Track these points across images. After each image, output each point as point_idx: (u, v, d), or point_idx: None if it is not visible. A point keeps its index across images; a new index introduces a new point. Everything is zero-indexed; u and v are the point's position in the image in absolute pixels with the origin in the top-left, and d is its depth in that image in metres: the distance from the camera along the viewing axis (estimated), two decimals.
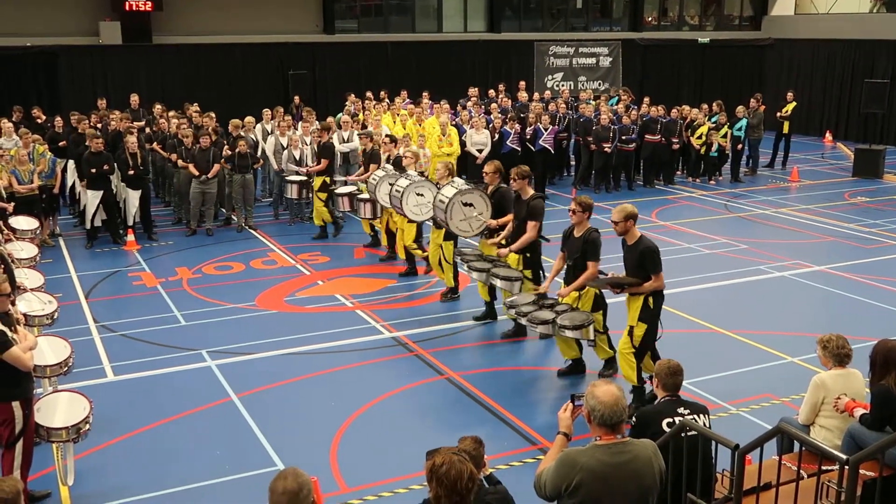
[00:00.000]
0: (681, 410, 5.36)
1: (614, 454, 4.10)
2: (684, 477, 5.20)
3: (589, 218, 8.62)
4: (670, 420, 5.30)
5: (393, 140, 14.04)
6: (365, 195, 13.20)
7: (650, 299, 7.89)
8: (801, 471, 5.12)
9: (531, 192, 9.78)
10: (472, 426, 7.46)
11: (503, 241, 10.00)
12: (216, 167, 14.88)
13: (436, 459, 4.05)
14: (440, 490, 3.97)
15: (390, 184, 11.86)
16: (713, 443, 5.23)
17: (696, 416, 5.33)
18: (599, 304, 8.68)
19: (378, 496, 6.80)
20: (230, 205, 15.63)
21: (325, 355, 9.69)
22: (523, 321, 8.80)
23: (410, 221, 11.86)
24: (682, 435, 5.17)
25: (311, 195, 15.14)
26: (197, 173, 14.71)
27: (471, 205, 10.27)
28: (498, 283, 9.59)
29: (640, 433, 5.30)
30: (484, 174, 10.64)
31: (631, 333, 7.96)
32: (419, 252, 12.32)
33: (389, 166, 12.90)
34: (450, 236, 10.90)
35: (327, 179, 14.77)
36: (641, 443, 4.28)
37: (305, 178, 14.94)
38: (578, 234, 8.61)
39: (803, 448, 5.39)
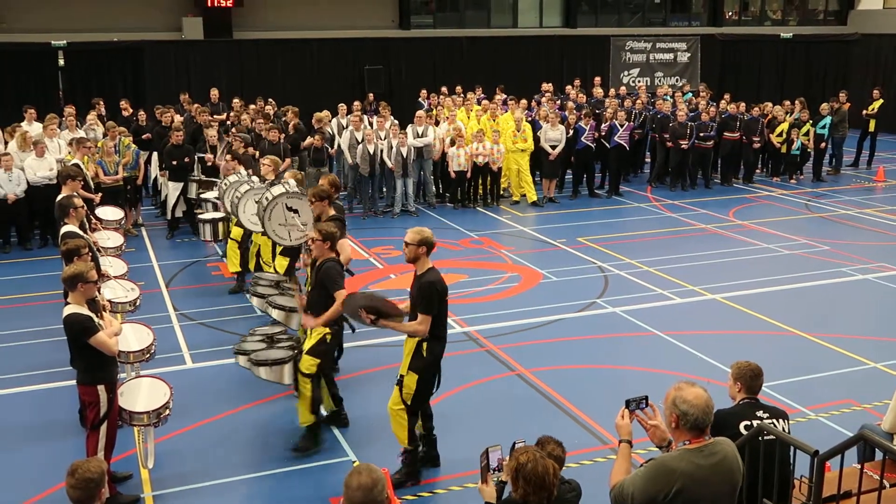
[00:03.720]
0: (759, 414, 5.25)
1: (708, 456, 4.03)
2: (760, 482, 5.09)
3: (331, 248, 7.36)
4: (748, 423, 5.20)
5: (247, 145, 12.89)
6: (205, 215, 12.09)
7: (424, 345, 6.70)
8: (884, 480, 4.97)
9: (331, 212, 8.51)
10: (543, 423, 7.44)
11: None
12: (287, 161, 15.08)
13: (519, 458, 4.06)
14: (528, 487, 3.98)
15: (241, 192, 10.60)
16: (791, 448, 5.11)
17: (774, 421, 5.22)
18: (319, 351, 7.29)
19: (448, 489, 6.84)
20: None
21: (397, 348, 9.72)
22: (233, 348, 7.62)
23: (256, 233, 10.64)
24: (760, 439, 5.07)
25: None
26: None
27: (296, 211, 9.22)
28: (274, 313, 8.22)
29: (716, 435, 5.21)
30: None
31: (400, 384, 6.78)
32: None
33: (243, 171, 11.80)
34: (288, 253, 9.69)
35: None
36: (725, 440, 4.21)
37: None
38: (319, 263, 7.41)
39: (886, 456, 5.23)
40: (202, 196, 13.06)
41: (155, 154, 15.69)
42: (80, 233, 8.43)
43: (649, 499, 4.00)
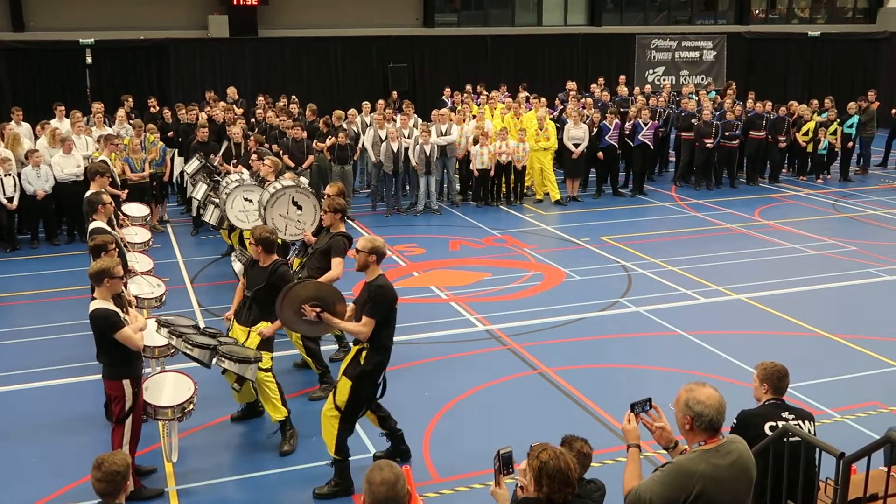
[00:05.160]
0: (785, 415, 5.21)
1: (724, 455, 4.00)
2: (785, 483, 5.05)
3: (266, 251, 7.38)
4: (773, 424, 5.16)
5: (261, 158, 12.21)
6: (216, 198, 11.82)
7: (363, 354, 6.52)
8: None
9: (342, 227, 8.51)
10: (565, 422, 7.42)
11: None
12: (310, 159, 15.16)
13: (540, 456, 4.05)
14: (553, 485, 3.97)
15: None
16: (817, 450, 5.06)
17: (800, 422, 5.17)
18: (268, 345, 7.40)
19: (469, 487, 6.84)
20: None
21: (419, 346, 9.79)
22: (175, 341, 7.09)
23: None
24: (785, 440, 5.02)
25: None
26: (292, 164, 15.02)
27: (299, 207, 9.28)
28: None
29: (741, 435, 5.17)
30: (325, 195, 9.25)
31: (334, 390, 6.67)
32: None
33: (246, 173, 11.81)
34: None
35: None
36: (736, 438, 4.19)
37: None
38: (264, 265, 7.37)
39: None
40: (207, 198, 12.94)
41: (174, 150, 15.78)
42: (108, 229, 8.51)
43: (670, 503, 3.97)
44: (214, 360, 6.98)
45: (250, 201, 10.45)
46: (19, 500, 6.70)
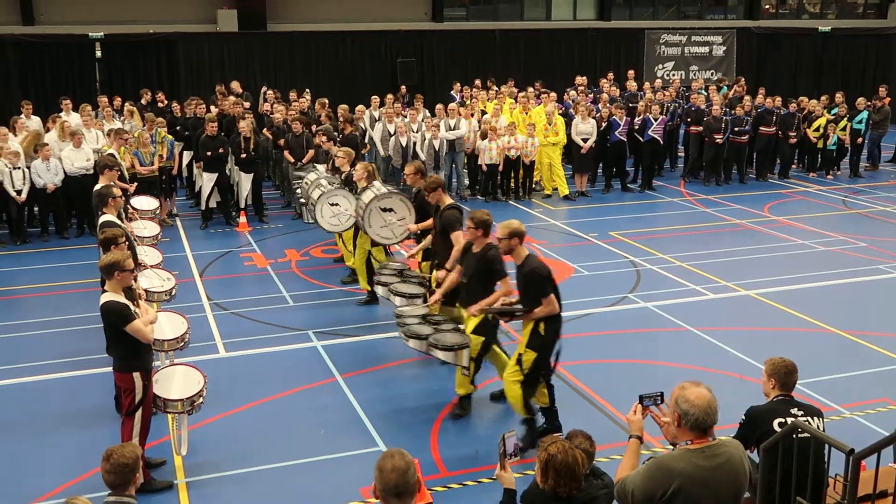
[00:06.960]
0: (794, 411, 5.20)
1: (709, 457, 3.98)
2: (794, 480, 5.04)
3: (485, 234, 7.61)
4: (782, 420, 5.15)
5: (331, 139, 12.96)
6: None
7: (541, 325, 7.13)
8: None
9: (448, 201, 8.89)
10: (574, 418, 7.42)
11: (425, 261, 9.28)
12: (310, 153, 15.13)
13: (549, 449, 4.07)
14: (559, 479, 3.99)
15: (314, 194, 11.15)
16: (826, 446, 5.05)
17: (809, 419, 5.16)
18: (483, 330, 7.67)
19: (478, 482, 6.85)
20: None
21: None
22: (399, 332, 7.91)
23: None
24: (794, 436, 5.01)
25: None
26: (292, 160, 15.01)
27: (391, 210, 9.75)
28: (396, 300, 8.67)
29: (749, 431, 5.18)
30: (405, 176, 10.00)
31: (519, 361, 7.21)
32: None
33: (321, 168, 12.31)
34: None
35: None
36: (732, 442, 4.17)
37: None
38: (476, 251, 7.67)
39: None
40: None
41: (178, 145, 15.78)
42: (118, 222, 8.54)
43: (648, 497, 3.97)
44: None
45: (337, 205, 10.71)
46: (30, 492, 6.74)
